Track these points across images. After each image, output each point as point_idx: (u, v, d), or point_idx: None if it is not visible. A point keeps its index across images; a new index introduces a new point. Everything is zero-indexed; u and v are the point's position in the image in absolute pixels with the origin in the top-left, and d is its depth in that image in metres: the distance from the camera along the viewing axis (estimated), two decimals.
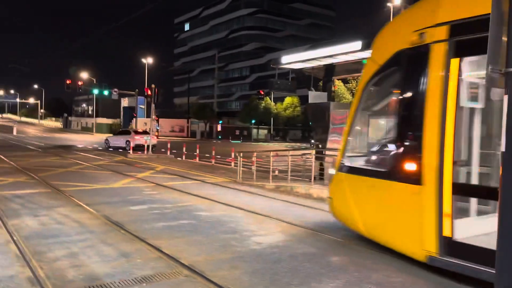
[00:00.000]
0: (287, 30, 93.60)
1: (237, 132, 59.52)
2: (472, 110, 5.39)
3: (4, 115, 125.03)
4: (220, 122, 62.19)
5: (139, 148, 25.84)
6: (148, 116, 38.68)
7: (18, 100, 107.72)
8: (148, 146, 23.68)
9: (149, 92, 25.46)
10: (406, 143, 5.39)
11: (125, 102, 63.74)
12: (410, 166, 5.23)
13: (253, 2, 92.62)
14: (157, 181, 13.15)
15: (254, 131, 60.54)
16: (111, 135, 32.67)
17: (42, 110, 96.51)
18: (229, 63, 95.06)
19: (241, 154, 14.36)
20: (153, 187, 11.91)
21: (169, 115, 65.28)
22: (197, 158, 21.25)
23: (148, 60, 48.56)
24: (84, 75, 51.17)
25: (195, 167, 17.93)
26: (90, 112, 74.52)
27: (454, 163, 4.91)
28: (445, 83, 4.97)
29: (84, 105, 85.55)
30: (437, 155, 4.93)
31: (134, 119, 44.26)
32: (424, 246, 5.05)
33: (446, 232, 4.86)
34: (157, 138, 34.21)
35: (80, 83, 39.15)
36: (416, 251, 5.19)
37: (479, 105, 5.39)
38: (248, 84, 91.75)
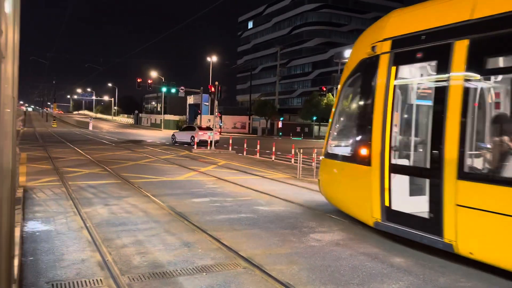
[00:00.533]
0: (352, 24, 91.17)
1: (298, 129, 59.14)
2: (409, 107, 6.69)
3: (81, 112, 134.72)
4: (281, 118, 62.20)
5: (202, 143, 26.61)
6: (212, 113, 39.65)
7: (94, 97, 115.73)
8: (211, 141, 24.31)
9: (213, 90, 26.11)
10: (362, 134, 6.85)
11: (190, 100, 66.04)
12: (363, 152, 6.69)
13: None
14: (219, 175, 13.45)
15: (315, 128, 59.80)
16: (177, 131, 33.95)
17: (115, 107, 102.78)
18: (291, 60, 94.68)
19: (301, 150, 14.24)
20: (214, 181, 12.20)
21: (232, 112, 66.55)
22: (258, 154, 21.43)
23: (213, 59, 49.79)
24: (154, 73, 53.71)
25: (256, 163, 18.09)
26: (158, 109, 78.17)
27: (392, 149, 6.24)
28: (387, 86, 6.25)
29: (153, 102, 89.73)
30: (380, 143, 6.30)
31: (198, 115, 45.79)
32: (373, 214, 6.43)
33: (387, 203, 6.19)
34: (220, 134, 34.96)
35: (150, 81, 41.20)
36: (368, 218, 6.57)
37: (413, 102, 6.69)
38: (310, 81, 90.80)
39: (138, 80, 39.09)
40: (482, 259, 4.94)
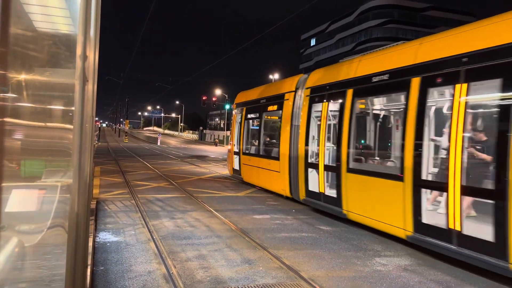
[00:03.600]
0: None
1: None
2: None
3: (150, 128, 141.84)
4: None
5: None
6: None
7: (162, 114, 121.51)
8: None
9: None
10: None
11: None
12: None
13: (383, 13, 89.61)
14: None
15: None
16: None
17: (181, 124, 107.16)
18: None
19: None
20: (274, 197, 12.17)
21: None
22: None
23: (275, 76, 50.35)
24: (218, 91, 55.38)
25: None
26: (222, 126, 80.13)
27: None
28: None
29: (217, 119, 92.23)
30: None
31: None
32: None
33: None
34: None
35: (214, 99, 42.60)
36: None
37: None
38: None
39: (204, 98, 40.54)
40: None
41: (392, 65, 7.59)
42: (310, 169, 10.10)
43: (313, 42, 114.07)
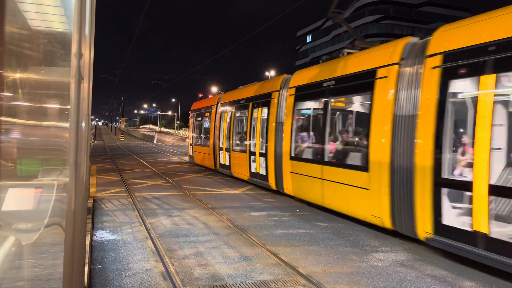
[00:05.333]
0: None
1: None
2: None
3: (147, 126, 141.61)
4: None
5: None
6: None
7: (158, 112, 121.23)
8: None
9: None
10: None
11: None
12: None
13: (378, 9, 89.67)
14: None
15: None
16: None
17: (178, 122, 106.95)
18: None
19: None
20: (271, 194, 12.19)
21: None
22: None
23: (271, 73, 50.32)
24: (214, 89, 55.28)
25: None
26: None
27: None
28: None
29: None
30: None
31: None
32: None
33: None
34: None
35: (210, 96, 42.52)
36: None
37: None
38: None
39: (200, 96, 40.46)
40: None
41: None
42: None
43: (309, 38, 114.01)
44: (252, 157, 13.48)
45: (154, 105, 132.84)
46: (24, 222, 2.98)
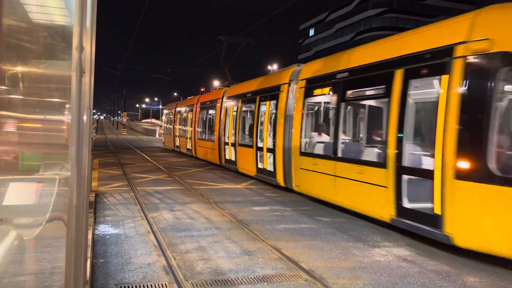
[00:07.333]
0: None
1: None
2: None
3: (149, 120, 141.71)
4: None
5: None
6: None
7: (160, 106, 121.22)
8: None
9: None
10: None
11: None
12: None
13: (382, 2, 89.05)
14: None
15: None
16: None
17: None
18: None
19: None
20: (274, 189, 12.19)
21: None
22: None
23: (273, 67, 50.15)
24: (216, 82, 55.16)
25: None
26: None
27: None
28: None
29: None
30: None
31: None
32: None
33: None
34: None
35: (212, 90, 42.43)
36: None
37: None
38: None
39: (202, 89, 40.40)
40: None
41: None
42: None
43: (311, 32, 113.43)
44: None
45: (156, 99, 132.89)
46: (26, 216, 2.97)
